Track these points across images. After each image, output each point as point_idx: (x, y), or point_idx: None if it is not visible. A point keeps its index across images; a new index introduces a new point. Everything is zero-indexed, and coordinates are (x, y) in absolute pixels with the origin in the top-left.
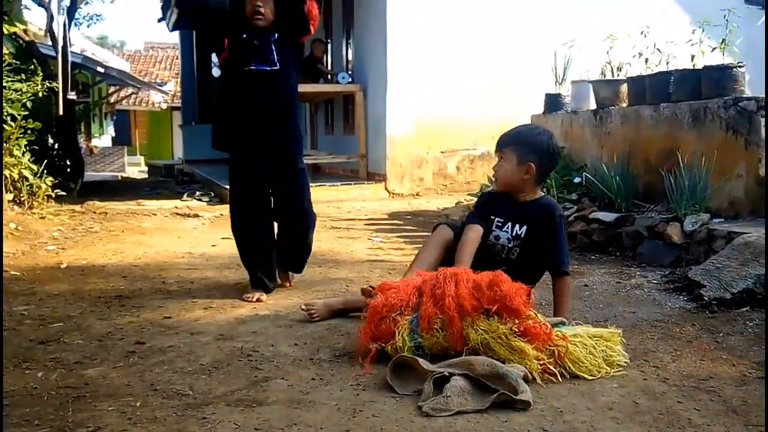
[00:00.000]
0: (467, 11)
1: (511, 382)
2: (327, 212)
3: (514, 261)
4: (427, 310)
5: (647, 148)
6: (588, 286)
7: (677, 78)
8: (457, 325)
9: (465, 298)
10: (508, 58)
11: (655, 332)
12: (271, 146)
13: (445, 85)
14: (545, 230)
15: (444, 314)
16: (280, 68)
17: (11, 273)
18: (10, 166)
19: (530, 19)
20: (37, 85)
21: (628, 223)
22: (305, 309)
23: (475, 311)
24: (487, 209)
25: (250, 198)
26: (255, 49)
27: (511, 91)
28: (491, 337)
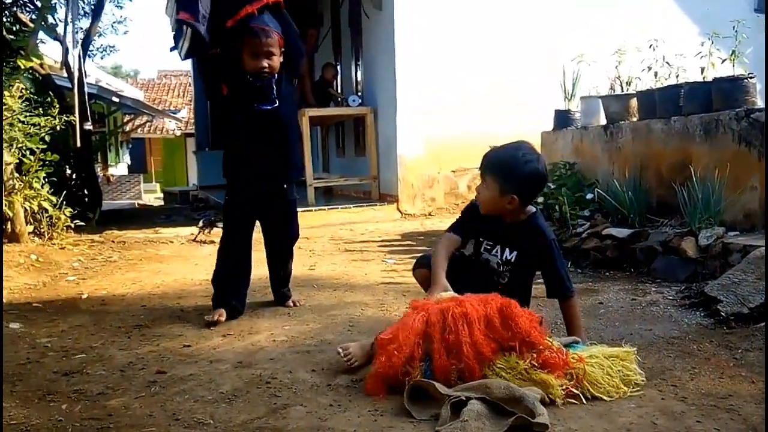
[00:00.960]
0: (475, 29)
1: (528, 405)
2: (340, 234)
3: (506, 284)
4: (442, 361)
5: (659, 162)
6: (603, 304)
7: (687, 91)
8: (477, 374)
9: (482, 344)
10: (518, 75)
11: (672, 350)
12: (270, 176)
13: (454, 104)
14: (538, 256)
15: (463, 363)
16: (280, 105)
17: (33, 305)
18: (30, 198)
19: (538, 35)
20: (54, 119)
21: (642, 238)
22: (342, 355)
23: (495, 354)
24: (473, 226)
25: (241, 226)
26: (257, 90)
27: (521, 109)
28: (512, 376)
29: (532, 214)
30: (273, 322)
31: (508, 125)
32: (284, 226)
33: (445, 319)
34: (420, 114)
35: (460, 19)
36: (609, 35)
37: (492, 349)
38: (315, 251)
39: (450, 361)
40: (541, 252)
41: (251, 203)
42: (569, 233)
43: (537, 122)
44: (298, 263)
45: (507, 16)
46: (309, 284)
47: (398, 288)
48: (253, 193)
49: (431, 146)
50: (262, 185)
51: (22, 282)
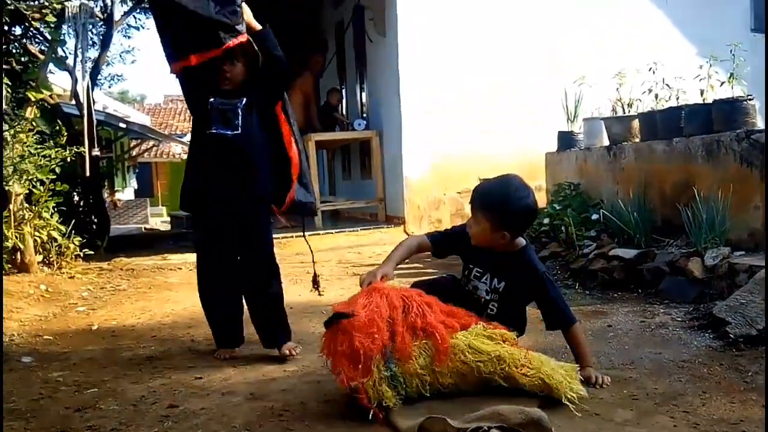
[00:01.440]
0: (478, 52)
1: (546, 426)
2: (348, 258)
3: (494, 316)
4: (405, 340)
5: (662, 182)
6: (612, 327)
7: (688, 112)
8: (446, 342)
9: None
10: (522, 98)
11: (682, 374)
12: (231, 207)
13: (458, 126)
14: (529, 290)
15: (428, 332)
16: (242, 132)
17: (44, 338)
18: (39, 228)
19: (541, 58)
20: (65, 150)
21: (648, 259)
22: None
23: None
24: (461, 249)
25: (212, 257)
26: (219, 113)
27: (525, 130)
28: (474, 338)
29: (523, 247)
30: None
31: (513, 145)
32: (254, 252)
33: (410, 305)
34: (425, 136)
35: (462, 43)
36: (609, 58)
37: (453, 324)
38: (323, 276)
39: (411, 338)
40: (533, 286)
41: (216, 231)
42: (576, 254)
43: (541, 143)
44: (306, 288)
45: (510, 41)
46: (318, 311)
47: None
48: (214, 219)
49: (437, 168)
50: (221, 208)
51: (32, 313)
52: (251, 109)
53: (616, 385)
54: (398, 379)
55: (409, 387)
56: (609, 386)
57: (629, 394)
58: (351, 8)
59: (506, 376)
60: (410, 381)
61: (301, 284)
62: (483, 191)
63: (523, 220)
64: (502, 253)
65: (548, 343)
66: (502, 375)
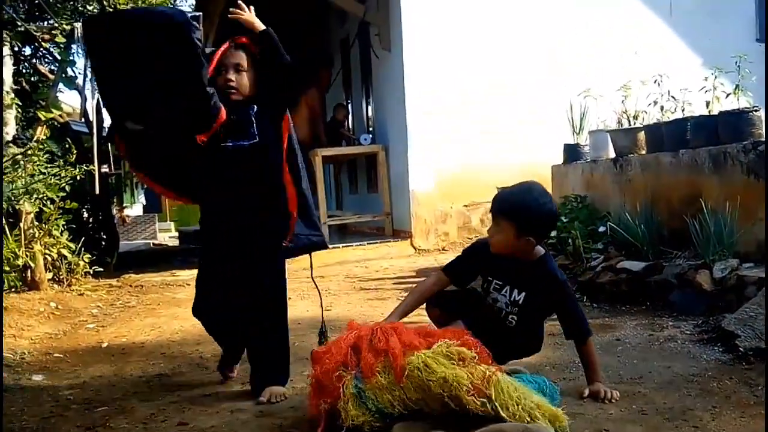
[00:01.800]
0: (483, 67)
1: None
2: (355, 272)
3: (514, 327)
4: (368, 360)
5: (669, 194)
6: (620, 341)
7: (694, 124)
8: (400, 360)
9: (411, 340)
10: (527, 111)
11: (692, 388)
12: (248, 235)
13: (465, 139)
14: (549, 298)
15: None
16: (260, 141)
17: (55, 355)
18: (49, 246)
19: (547, 71)
20: (75, 168)
21: (656, 271)
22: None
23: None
24: (480, 265)
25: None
26: (231, 124)
27: (530, 142)
28: (430, 356)
29: (543, 255)
30: (291, 368)
31: (519, 158)
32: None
33: (374, 333)
34: (431, 150)
35: (467, 58)
36: (614, 70)
37: (420, 343)
38: (331, 290)
39: (375, 359)
40: (554, 293)
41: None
42: (583, 267)
43: (547, 156)
44: (314, 304)
45: (515, 55)
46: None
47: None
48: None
49: (443, 181)
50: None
51: (42, 331)
52: (264, 116)
53: (625, 399)
54: (366, 395)
55: (381, 403)
56: (618, 401)
57: (638, 409)
58: (356, 24)
59: (452, 397)
60: (381, 396)
61: (308, 299)
62: (506, 197)
63: (547, 225)
64: (523, 262)
65: (556, 358)
66: (449, 396)
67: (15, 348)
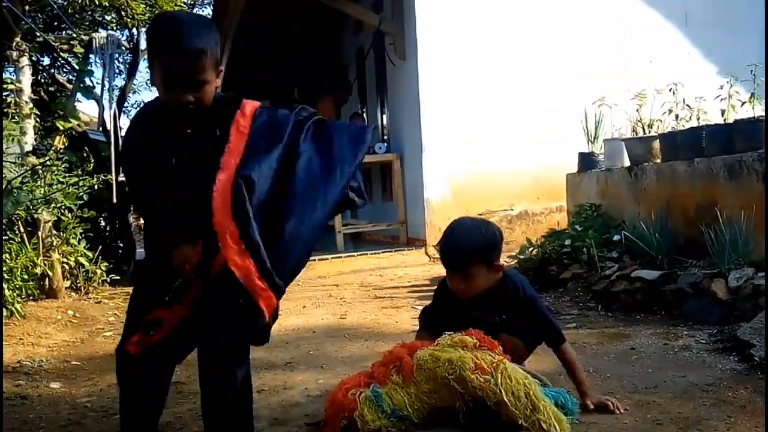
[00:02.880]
0: (497, 75)
1: None
2: (370, 281)
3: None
4: (380, 371)
5: (684, 203)
6: (635, 350)
7: (709, 133)
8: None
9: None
10: (541, 119)
11: (707, 398)
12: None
13: (478, 147)
14: (521, 314)
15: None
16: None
17: (72, 363)
18: (67, 255)
19: (561, 78)
20: (92, 178)
21: (671, 280)
22: None
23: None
24: (446, 308)
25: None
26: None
27: (545, 151)
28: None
29: (503, 274)
30: (307, 376)
31: (533, 167)
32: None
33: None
34: (445, 158)
35: (481, 65)
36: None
37: (425, 345)
38: (345, 299)
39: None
40: (522, 308)
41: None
42: (598, 276)
43: (561, 164)
44: (329, 312)
45: (529, 62)
46: (341, 334)
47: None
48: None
49: (457, 190)
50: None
51: (60, 339)
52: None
53: (640, 409)
54: (382, 398)
55: (396, 404)
56: (630, 411)
57: (653, 418)
58: (371, 34)
59: (458, 378)
60: (395, 397)
61: (323, 307)
62: (464, 248)
63: (501, 243)
64: (488, 292)
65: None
66: (455, 378)
67: (33, 355)
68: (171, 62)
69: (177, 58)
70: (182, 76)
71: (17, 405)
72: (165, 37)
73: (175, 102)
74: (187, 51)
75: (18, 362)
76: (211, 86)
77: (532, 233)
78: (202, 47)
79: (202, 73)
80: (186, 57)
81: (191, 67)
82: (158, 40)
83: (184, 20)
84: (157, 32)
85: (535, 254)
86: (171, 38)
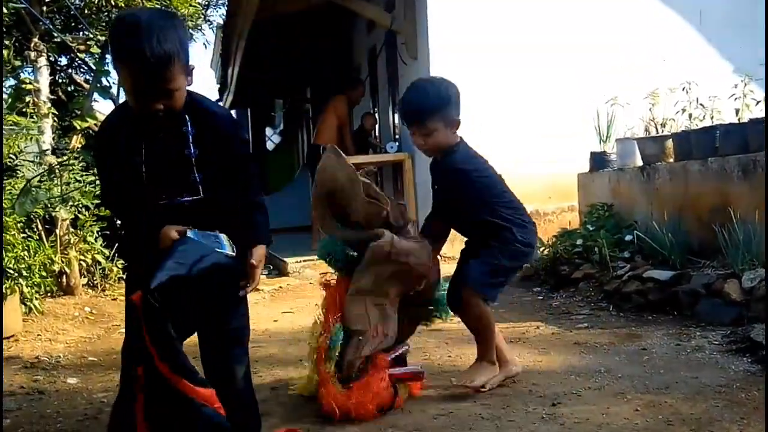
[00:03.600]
0: (508, 74)
1: None
2: None
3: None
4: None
5: (698, 203)
6: (647, 350)
7: (723, 132)
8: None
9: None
10: (552, 118)
11: (719, 399)
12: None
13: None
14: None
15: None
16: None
17: (89, 359)
18: (84, 252)
19: (571, 76)
20: None
21: (684, 281)
22: None
23: None
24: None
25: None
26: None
27: (556, 150)
28: None
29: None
30: None
31: (543, 165)
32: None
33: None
34: None
35: (492, 64)
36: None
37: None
38: None
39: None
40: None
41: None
42: (610, 276)
43: (573, 163)
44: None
45: (540, 60)
46: None
47: (440, 335)
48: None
49: None
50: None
51: (77, 335)
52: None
53: (651, 410)
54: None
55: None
56: (641, 411)
57: (665, 419)
58: (383, 33)
59: None
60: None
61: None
62: (419, 103)
63: (458, 97)
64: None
65: (582, 367)
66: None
67: (50, 351)
68: (137, 72)
69: (143, 68)
70: (151, 85)
71: (35, 399)
72: (128, 45)
73: (145, 111)
74: (154, 61)
75: (36, 358)
76: (182, 92)
77: (543, 233)
78: (168, 53)
79: (171, 81)
80: (153, 67)
81: (160, 77)
82: (120, 48)
83: (146, 24)
84: (119, 40)
85: (547, 254)
86: (134, 47)
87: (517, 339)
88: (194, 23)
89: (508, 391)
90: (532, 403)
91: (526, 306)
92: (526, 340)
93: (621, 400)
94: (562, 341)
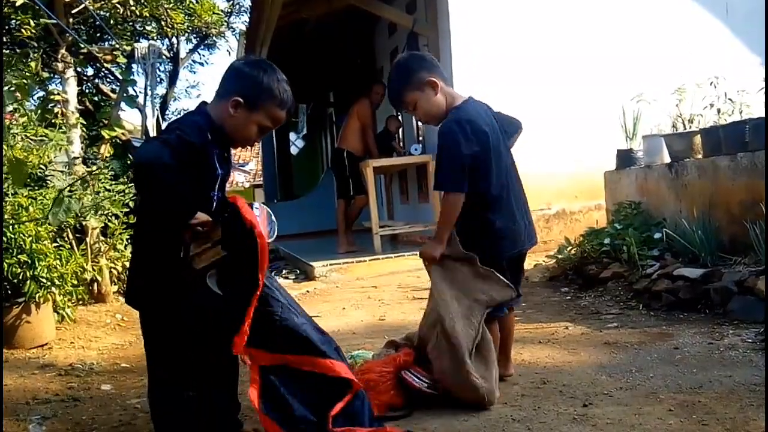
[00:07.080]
0: (532, 74)
1: None
2: (408, 282)
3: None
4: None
5: (728, 199)
6: (679, 349)
7: (753, 126)
8: None
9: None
10: (577, 115)
11: (754, 398)
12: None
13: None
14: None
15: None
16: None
17: (122, 365)
18: (114, 260)
19: (598, 73)
20: None
21: (715, 278)
22: None
23: None
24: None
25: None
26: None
27: (581, 149)
28: None
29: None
30: None
31: (570, 164)
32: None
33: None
34: None
35: (515, 65)
36: (668, 72)
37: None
38: (384, 300)
39: None
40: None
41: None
42: (639, 274)
43: (598, 161)
44: (368, 313)
45: (564, 58)
46: (380, 335)
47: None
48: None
49: None
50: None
51: (109, 342)
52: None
53: (685, 409)
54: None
55: None
56: (675, 411)
57: (698, 419)
58: (405, 35)
59: None
60: None
61: (362, 309)
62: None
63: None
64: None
65: (613, 366)
66: None
67: (84, 358)
68: (281, 121)
69: (288, 118)
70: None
71: (70, 407)
72: (289, 98)
73: (250, 144)
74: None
75: (70, 365)
76: None
77: (570, 232)
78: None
79: None
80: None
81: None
82: (287, 98)
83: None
84: (284, 89)
85: (574, 253)
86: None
87: (547, 340)
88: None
89: (538, 392)
90: (563, 404)
91: (554, 306)
92: (556, 341)
93: (653, 400)
94: (591, 341)
